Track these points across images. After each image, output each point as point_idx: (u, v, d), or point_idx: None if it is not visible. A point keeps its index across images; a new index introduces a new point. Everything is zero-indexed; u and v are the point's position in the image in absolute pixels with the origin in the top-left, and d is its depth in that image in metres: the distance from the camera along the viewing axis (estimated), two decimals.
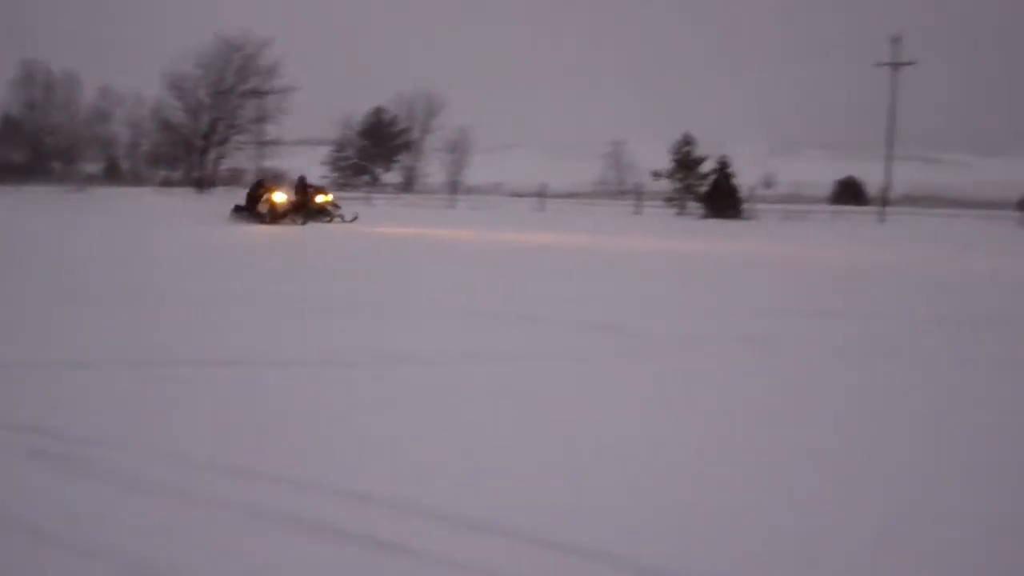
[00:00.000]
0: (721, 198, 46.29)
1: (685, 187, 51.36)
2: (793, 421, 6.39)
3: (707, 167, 50.52)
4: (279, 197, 30.85)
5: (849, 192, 63.72)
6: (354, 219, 31.74)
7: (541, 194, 54.23)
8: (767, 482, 5.02)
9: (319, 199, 32.20)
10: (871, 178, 68.68)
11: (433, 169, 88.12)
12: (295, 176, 34.30)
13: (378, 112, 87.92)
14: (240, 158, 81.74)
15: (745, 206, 46.35)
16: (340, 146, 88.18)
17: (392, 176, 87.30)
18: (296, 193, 31.96)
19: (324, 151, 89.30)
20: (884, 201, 53.84)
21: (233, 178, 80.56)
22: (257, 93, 78.89)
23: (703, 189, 49.21)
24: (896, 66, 65.46)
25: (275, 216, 30.06)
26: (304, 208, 31.29)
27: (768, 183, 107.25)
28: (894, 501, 4.76)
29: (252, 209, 30.69)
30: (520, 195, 67.17)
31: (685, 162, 51.99)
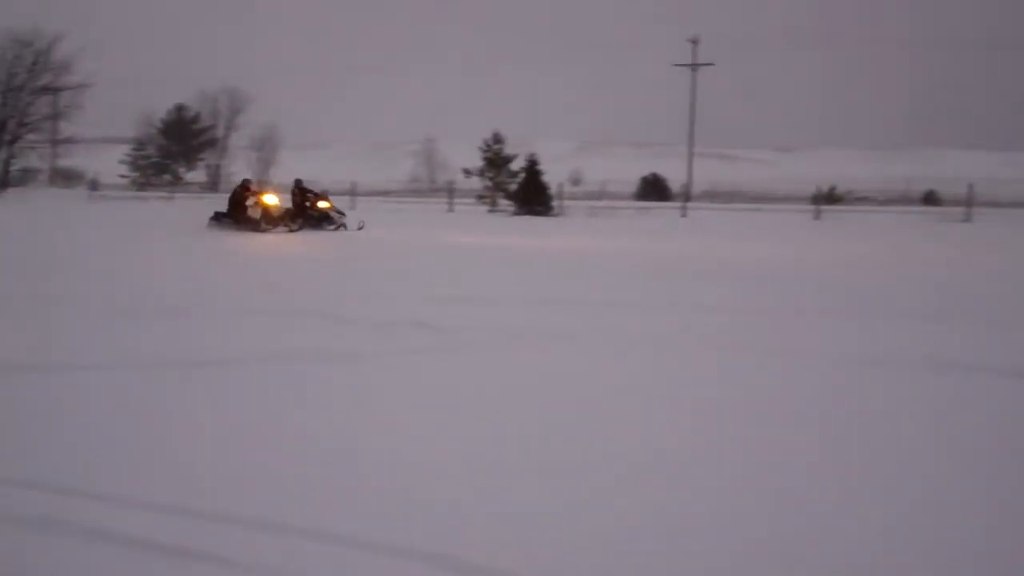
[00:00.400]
0: (531, 195, 46.77)
1: (496, 184, 51.78)
2: (588, 414, 6.38)
3: (517, 165, 51.04)
4: (271, 200, 27.53)
5: (654, 188, 65.46)
6: (360, 227, 28.56)
7: (352, 192, 53.60)
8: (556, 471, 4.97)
9: (321, 204, 29.10)
10: (675, 175, 70.88)
11: (239, 167, 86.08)
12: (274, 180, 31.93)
13: (180, 109, 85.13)
14: (32, 157, 78.01)
15: (554, 203, 46.95)
16: (140, 144, 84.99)
17: (196, 175, 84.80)
18: (292, 197, 29.00)
19: (124, 150, 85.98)
20: (686, 197, 55.59)
21: (26, 178, 76.67)
22: (50, 90, 75.31)
23: (513, 186, 49.66)
24: (695, 67, 67.82)
25: (269, 222, 26.90)
26: (301, 214, 28.36)
27: (576, 180, 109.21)
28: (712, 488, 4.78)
29: (236, 215, 27.12)
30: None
31: (495, 160, 52.41)
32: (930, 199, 67.41)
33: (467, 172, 53.65)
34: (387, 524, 4.20)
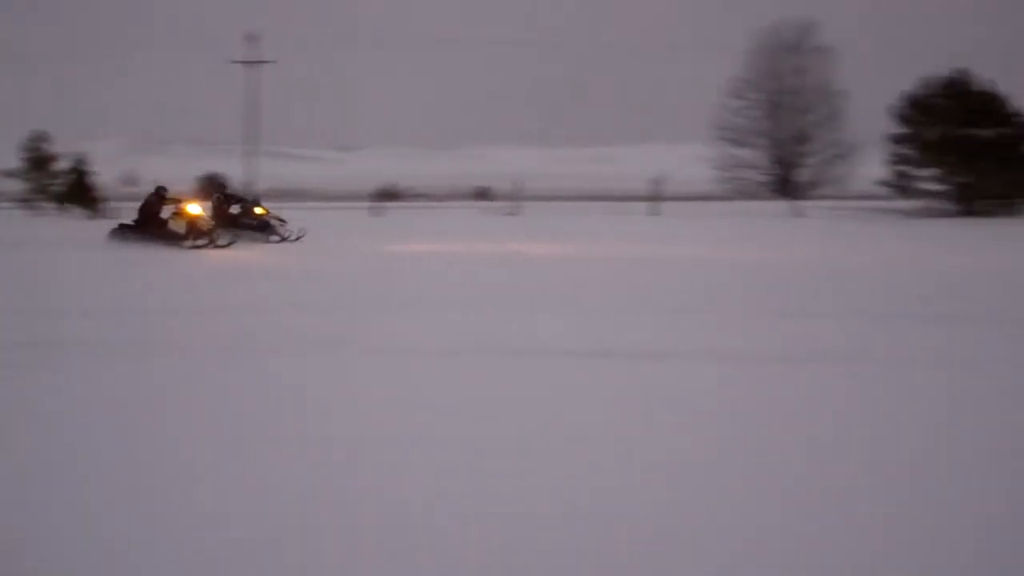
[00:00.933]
0: (78, 197, 44.10)
1: (39, 187, 48.22)
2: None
3: (63, 165, 47.91)
4: (195, 209, 23.19)
5: (213, 187, 63.96)
6: (300, 236, 25.09)
7: None
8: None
9: (256, 211, 25.39)
10: (235, 174, 69.55)
11: None
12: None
13: None
14: None
15: (108, 204, 44.49)
16: None
17: None
18: (215, 205, 24.83)
19: None
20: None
21: None
22: None
23: (59, 188, 46.58)
24: (253, 64, 66.74)
25: (197, 236, 22.69)
26: (233, 224, 24.37)
27: (130, 180, 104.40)
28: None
29: (150, 228, 22.99)
30: None
31: (37, 160, 48.80)
32: (482, 194, 71.09)
33: (3, 173, 49.49)
34: None
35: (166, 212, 23.24)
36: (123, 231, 23.63)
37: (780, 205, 47.72)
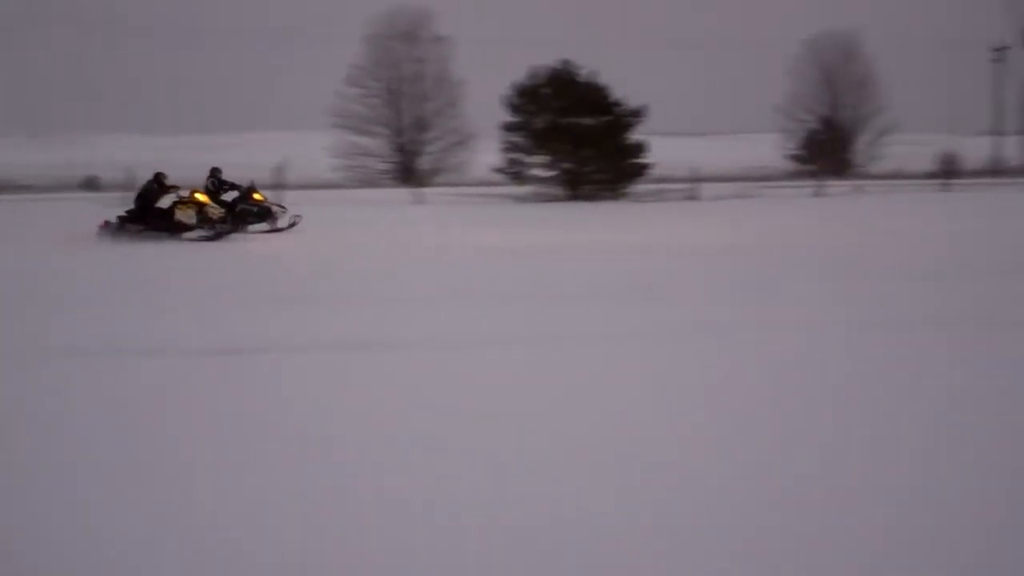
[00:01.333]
0: None
1: None
2: None
3: None
4: (203, 197, 22.24)
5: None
6: (293, 223, 24.00)
7: None
8: None
9: (255, 197, 24.35)
10: None
11: None
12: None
13: None
14: None
15: None
16: None
17: None
18: (209, 191, 23.39)
19: None
20: None
21: None
22: None
23: None
24: None
25: (210, 224, 21.66)
26: (231, 213, 22.93)
27: None
28: None
29: (153, 219, 21.61)
30: None
31: None
32: (92, 184, 67.54)
33: None
34: None
35: (166, 201, 21.97)
36: (122, 224, 22.11)
37: (402, 192, 48.59)
